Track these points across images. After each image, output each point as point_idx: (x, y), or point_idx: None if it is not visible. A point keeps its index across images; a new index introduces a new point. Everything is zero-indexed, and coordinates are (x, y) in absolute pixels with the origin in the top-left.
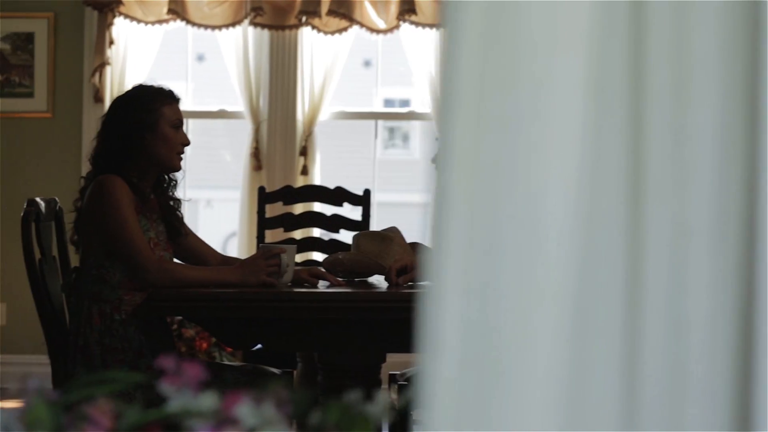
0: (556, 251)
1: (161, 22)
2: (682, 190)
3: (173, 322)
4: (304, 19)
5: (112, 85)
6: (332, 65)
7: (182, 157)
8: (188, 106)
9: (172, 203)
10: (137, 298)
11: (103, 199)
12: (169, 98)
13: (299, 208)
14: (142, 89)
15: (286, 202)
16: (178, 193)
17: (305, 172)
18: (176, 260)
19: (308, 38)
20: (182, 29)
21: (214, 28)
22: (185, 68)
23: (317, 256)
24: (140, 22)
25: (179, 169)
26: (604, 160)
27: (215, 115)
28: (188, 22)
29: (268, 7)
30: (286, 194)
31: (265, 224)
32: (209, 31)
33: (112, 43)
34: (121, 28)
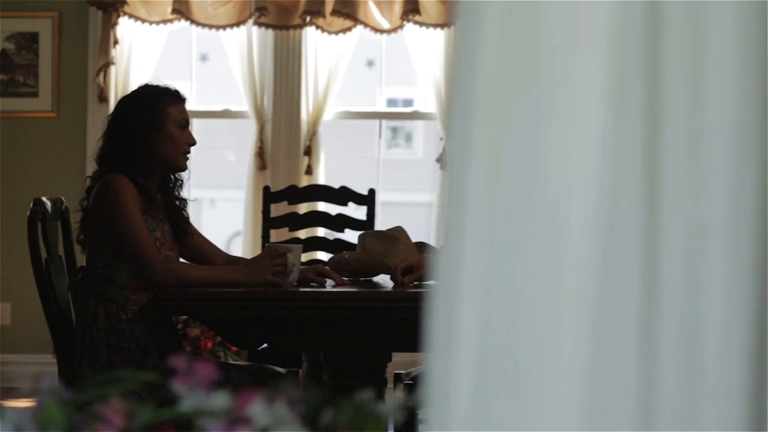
0: (577, 252)
1: (165, 21)
2: (697, 190)
3: (178, 321)
4: (308, 19)
5: (116, 84)
6: (336, 65)
7: (188, 156)
8: (192, 105)
9: (177, 203)
10: (143, 297)
11: (109, 198)
12: (175, 98)
13: (303, 207)
14: (148, 89)
15: (290, 201)
16: (183, 192)
17: (309, 171)
18: (182, 260)
19: (312, 38)
20: (186, 29)
21: (218, 28)
22: (189, 68)
23: (322, 255)
24: (144, 21)
25: (185, 168)
26: (622, 161)
27: (219, 114)
28: (192, 21)
29: (272, 7)
30: (290, 194)
31: (270, 224)
32: (213, 31)
33: (116, 42)
34: (125, 27)
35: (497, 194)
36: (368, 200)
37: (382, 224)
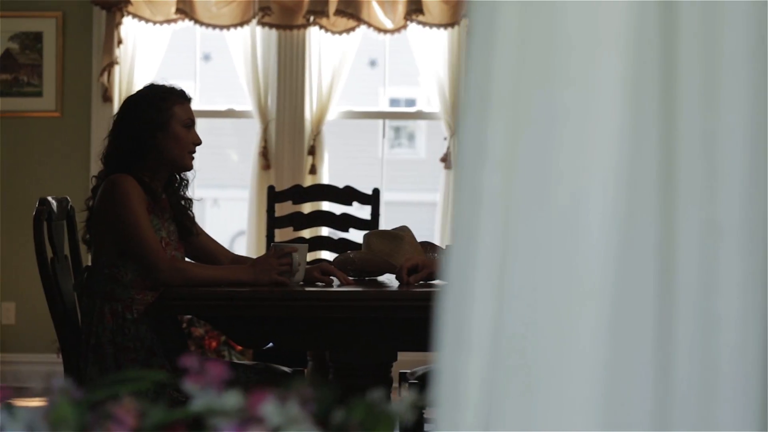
0: (594, 252)
1: (169, 21)
2: (712, 190)
3: (182, 321)
4: (311, 18)
5: (120, 84)
6: (340, 65)
7: (194, 156)
8: (196, 105)
9: (183, 203)
10: (149, 297)
11: (114, 198)
12: (180, 97)
13: (307, 207)
14: (153, 88)
15: (295, 201)
16: (188, 192)
17: (313, 171)
18: (188, 259)
19: (316, 38)
20: (190, 29)
21: (222, 27)
22: (193, 68)
23: (327, 255)
24: (148, 21)
25: (191, 168)
26: (638, 161)
27: (223, 114)
28: (196, 21)
29: (275, 6)
30: (295, 193)
31: (274, 223)
32: (217, 30)
33: (120, 42)
34: (129, 27)
35: (511, 194)
36: (372, 200)
37: (385, 224)
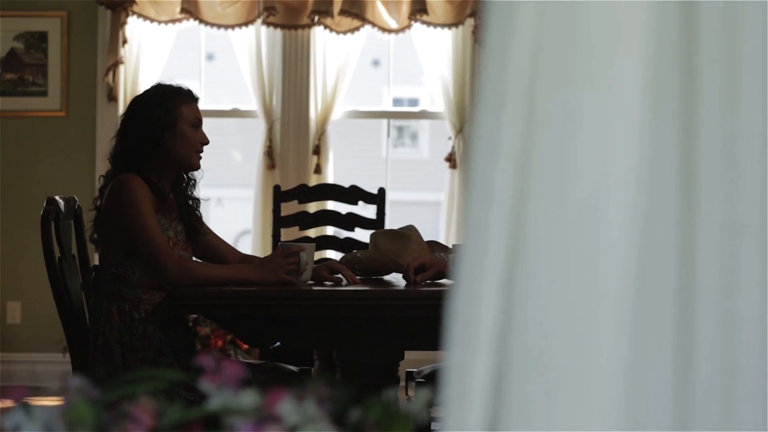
0: (615, 251)
1: (174, 21)
2: (733, 189)
3: (188, 320)
4: (316, 18)
5: (125, 84)
6: (344, 65)
7: (201, 156)
8: (201, 105)
9: (190, 202)
10: (156, 296)
11: (122, 198)
12: (187, 97)
13: (312, 206)
14: (160, 88)
15: (301, 200)
16: (195, 192)
17: (318, 170)
18: (195, 259)
19: (320, 38)
20: (195, 28)
21: (226, 27)
22: (198, 67)
23: (332, 254)
24: (153, 21)
25: (198, 168)
26: (659, 160)
27: (228, 114)
28: (201, 21)
29: (280, 6)
30: (301, 193)
31: (280, 223)
32: (222, 30)
33: (125, 42)
34: (134, 27)
35: (525, 193)
36: (378, 199)
37: (390, 223)
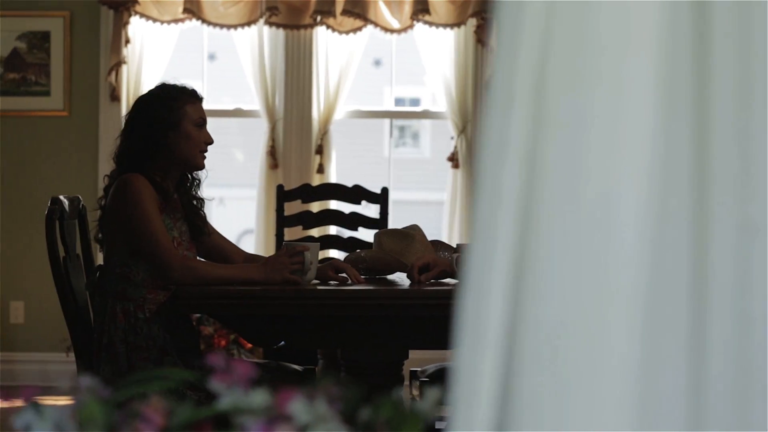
0: (627, 251)
1: (177, 21)
2: (746, 189)
3: (192, 319)
4: (318, 18)
5: (128, 83)
6: (347, 64)
7: (205, 155)
8: (203, 104)
9: (195, 202)
10: (161, 296)
11: (126, 197)
12: (192, 97)
13: (315, 206)
14: (165, 88)
15: (304, 200)
16: (198, 191)
17: (321, 170)
18: (200, 258)
19: (323, 38)
20: (197, 28)
21: (229, 27)
22: (200, 67)
23: (336, 253)
24: (156, 21)
25: (203, 167)
26: (672, 160)
27: (231, 113)
28: (204, 21)
29: (282, 6)
30: (304, 192)
31: (284, 222)
32: (224, 30)
33: (128, 42)
34: (136, 27)
35: (534, 192)
36: (381, 199)
37: (393, 222)
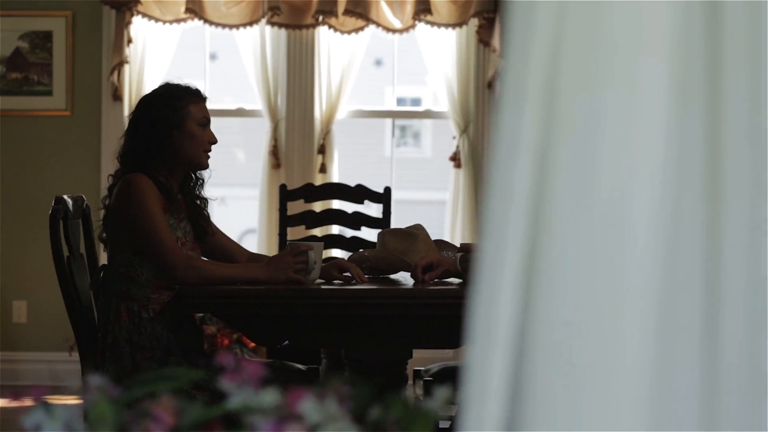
0: (641, 250)
1: (179, 21)
2: (759, 188)
3: (195, 318)
4: (320, 18)
5: (130, 83)
6: (349, 64)
7: (209, 155)
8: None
9: (198, 202)
10: (165, 296)
11: (130, 197)
12: (195, 96)
13: (317, 205)
14: (168, 87)
15: (307, 199)
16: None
17: (323, 170)
18: (203, 258)
19: (325, 37)
20: (199, 28)
21: (231, 27)
22: (202, 67)
23: (339, 253)
24: (158, 21)
25: (207, 167)
26: (685, 160)
27: (233, 113)
28: (206, 21)
29: (285, 6)
30: (307, 192)
31: (287, 222)
32: (226, 30)
33: (130, 41)
34: (139, 26)
35: (546, 191)
36: (384, 198)
37: (396, 222)
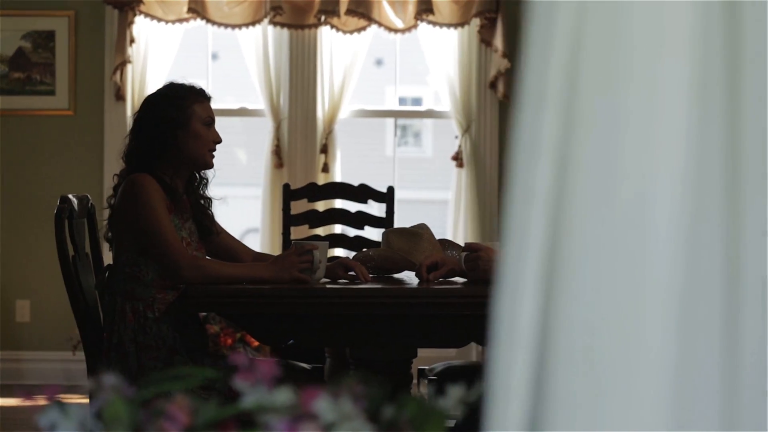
0: (662, 250)
1: (181, 20)
2: None
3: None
4: (323, 18)
5: (133, 83)
6: (351, 64)
7: (214, 154)
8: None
9: (202, 202)
10: (170, 296)
11: (134, 197)
12: (200, 96)
13: (320, 205)
14: (173, 87)
15: (310, 199)
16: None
17: (326, 169)
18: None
19: (327, 37)
20: (202, 28)
21: (233, 27)
22: (205, 67)
23: (342, 252)
24: (160, 20)
25: (211, 166)
26: (705, 159)
27: (236, 113)
28: (208, 21)
29: (287, 6)
30: (310, 191)
31: (290, 221)
32: (228, 30)
33: (132, 41)
34: (141, 26)
35: (567, 192)
36: (387, 198)
37: (399, 221)
